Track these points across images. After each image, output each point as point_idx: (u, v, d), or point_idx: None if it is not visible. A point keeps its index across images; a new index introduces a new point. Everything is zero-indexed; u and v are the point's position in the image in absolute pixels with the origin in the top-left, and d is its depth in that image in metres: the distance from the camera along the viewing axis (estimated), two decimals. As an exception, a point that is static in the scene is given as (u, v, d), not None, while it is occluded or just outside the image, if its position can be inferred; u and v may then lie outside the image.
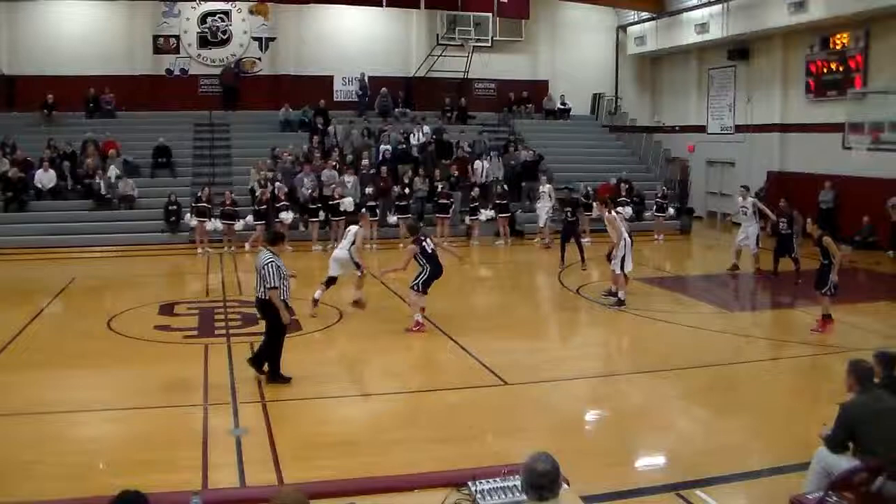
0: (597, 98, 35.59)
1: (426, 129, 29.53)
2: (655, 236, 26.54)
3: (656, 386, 11.35)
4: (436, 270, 14.00)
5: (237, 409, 9.91)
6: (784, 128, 28.85)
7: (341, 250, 15.34)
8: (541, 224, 25.48)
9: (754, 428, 9.64)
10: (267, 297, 10.63)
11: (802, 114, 27.96)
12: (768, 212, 20.10)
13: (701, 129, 33.33)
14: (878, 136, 19.88)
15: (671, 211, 27.77)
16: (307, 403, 10.31)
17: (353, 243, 15.08)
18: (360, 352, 12.92)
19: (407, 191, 25.32)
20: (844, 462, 6.63)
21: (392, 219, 24.88)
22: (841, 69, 26.00)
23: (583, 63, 35.22)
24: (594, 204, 23.83)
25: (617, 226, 16.28)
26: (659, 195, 27.61)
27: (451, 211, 25.38)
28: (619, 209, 16.46)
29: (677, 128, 34.32)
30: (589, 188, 26.14)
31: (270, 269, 10.56)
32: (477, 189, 26.01)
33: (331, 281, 15.18)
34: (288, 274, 11.00)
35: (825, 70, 26.71)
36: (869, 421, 6.60)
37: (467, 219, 25.70)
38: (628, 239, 16.24)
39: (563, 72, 34.81)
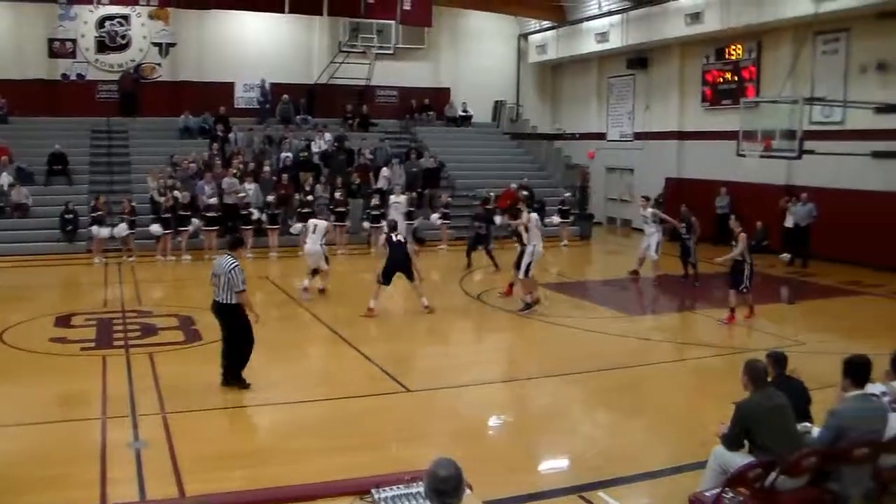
0: (498, 105, 35.91)
1: (327, 136, 29.38)
2: (562, 242, 26.86)
3: (560, 390, 11.50)
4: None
5: (136, 421, 9.67)
6: (681, 135, 29.64)
7: (313, 244, 17.43)
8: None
9: (656, 429, 9.87)
10: (229, 302, 10.81)
11: (699, 122, 28.80)
12: (670, 219, 20.71)
13: (601, 136, 33.96)
14: (769, 144, 20.52)
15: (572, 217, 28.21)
16: (210, 414, 10.14)
17: (325, 235, 17.64)
18: (264, 361, 12.76)
19: (310, 198, 25.11)
20: (739, 459, 6.83)
21: (365, 224, 25.54)
22: (735, 79, 26.90)
23: (485, 70, 35.50)
24: (497, 210, 24.29)
25: (533, 231, 16.48)
26: (561, 201, 27.98)
27: (348, 219, 25.25)
28: (535, 215, 16.76)
29: (577, 135, 34.82)
30: (491, 194, 26.34)
31: (236, 273, 10.74)
32: (378, 196, 25.96)
33: (315, 271, 17.62)
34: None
35: (720, 80, 27.60)
36: (762, 419, 6.82)
37: (366, 225, 25.61)
38: (539, 248, 16.43)
39: (465, 79, 35.02)
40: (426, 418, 10.22)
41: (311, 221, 18.29)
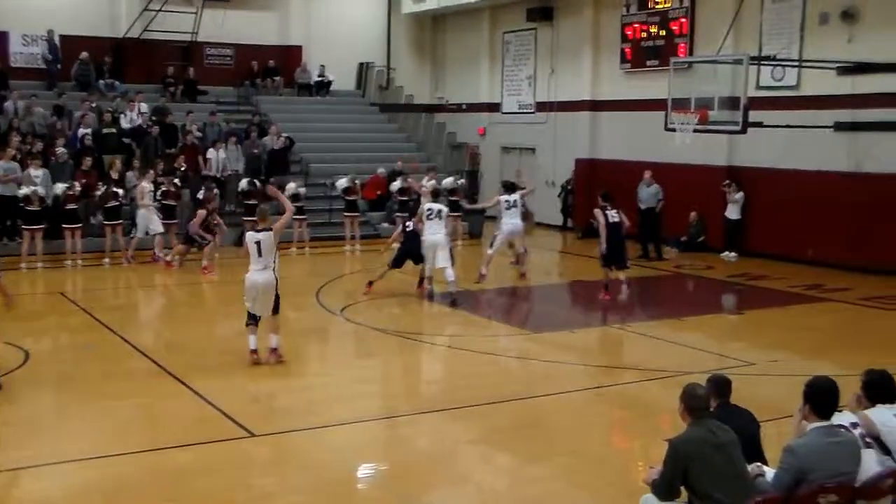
0: (364, 69, 35.91)
1: (142, 107, 28.79)
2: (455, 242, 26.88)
3: (446, 428, 11.47)
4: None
5: None
6: (595, 105, 30.15)
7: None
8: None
9: (568, 475, 9.88)
10: None
11: (617, 88, 29.31)
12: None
13: (494, 107, 34.30)
14: (706, 115, 20.90)
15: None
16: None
17: None
18: (55, 406, 12.35)
19: (121, 190, 24.43)
20: (676, 511, 6.86)
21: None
22: (662, 34, 27.41)
23: (346, 24, 35.45)
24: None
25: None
26: (450, 190, 27.88)
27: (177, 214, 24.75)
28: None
29: (465, 106, 35.05)
30: (356, 181, 26.20)
31: None
32: (213, 184, 25.48)
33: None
34: None
35: (644, 35, 28.07)
36: (703, 459, 6.80)
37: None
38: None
39: (322, 35, 34.88)
40: (275, 471, 10.03)
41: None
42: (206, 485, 9.56)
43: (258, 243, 13.73)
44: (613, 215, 18.64)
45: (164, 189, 24.34)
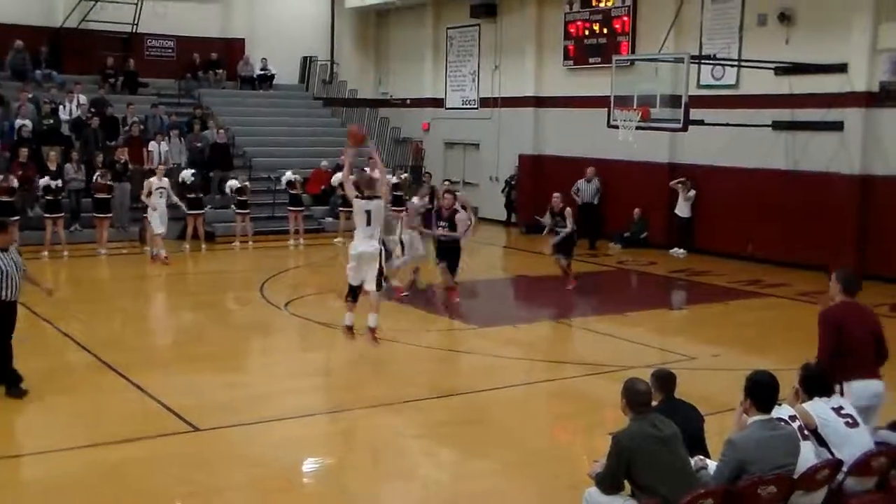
0: (307, 63, 35.78)
1: (81, 98, 28.52)
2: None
3: (390, 423, 11.48)
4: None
5: None
6: (539, 101, 30.28)
7: None
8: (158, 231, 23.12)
9: (512, 469, 9.93)
10: None
11: (560, 85, 29.46)
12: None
13: (438, 102, 34.33)
14: (648, 113, 21.11)
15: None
16: None
17: None
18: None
19: (58, 183, 24.18)
20: (619, 503, 6.96)
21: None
22: (605, 32, 27.60)
23: (289, 18, 35.35)
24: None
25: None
26: (395, 184, 27.83)
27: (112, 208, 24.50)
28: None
29: (408, 101, 35.06)
30: (297, 177, 26.12)
31: None
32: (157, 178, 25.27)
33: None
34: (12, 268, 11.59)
35: (587, 33, 28.24)
36: (645, 452, 6.89)
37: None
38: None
39: (265, 29, 34.75)
40: (219, 466, 9.99)
41: None
42: (150, 480, 9.50)
43: (368, 212, 13.48)
44: None
45: (95, 182, 24.07)
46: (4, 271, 11.52)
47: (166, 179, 22.68)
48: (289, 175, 26.27)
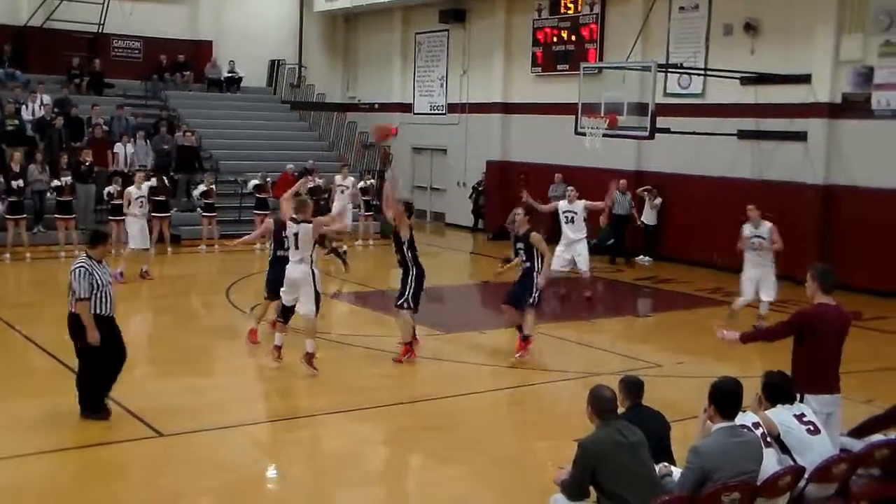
0: (275, 66, 35.77)
1: (45, 98, 28.35)
2: (357, 242, 26.81)
3: (354, 429, 11.49)
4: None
5: None
6: (507, 108, 30.38)
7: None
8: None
9: (479, 475, 9.99)
10: (75, 312, 10.92)
11: (528, 91, 29.58)
12: None
13: (406, 107, 34.35)
14: (615, 120, 21.25)
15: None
16: None
17: None
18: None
19: (20, 183, 24.01)
20: (584, 511, 7.00)
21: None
22: (573, 39, 27.75)
23: (258, 20, 35.29)
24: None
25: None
26: (363, 189, 27.88)
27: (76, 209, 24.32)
28: None
29: (377, 105, 35.08)
30: (268, 179, 26.06)
31: (77, 276, 10.85)
32: (119, 181, 25.12)
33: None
34: (108, 282, 11.25)
35: (555, 39, 28.39)
36: (611, 459, 6.95)
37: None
38: None
39: (233, 31, 34.64)
40: (183, 471, 9.98)
41: None
42: (114, 486, 9.51)
43: (296, 235, 13.34)
44: None
45: (57, 184, 23.84)
46: (101, 285, 11.08)
47: (146, 185, 21.52)
48: (257, 179, 26.20)
